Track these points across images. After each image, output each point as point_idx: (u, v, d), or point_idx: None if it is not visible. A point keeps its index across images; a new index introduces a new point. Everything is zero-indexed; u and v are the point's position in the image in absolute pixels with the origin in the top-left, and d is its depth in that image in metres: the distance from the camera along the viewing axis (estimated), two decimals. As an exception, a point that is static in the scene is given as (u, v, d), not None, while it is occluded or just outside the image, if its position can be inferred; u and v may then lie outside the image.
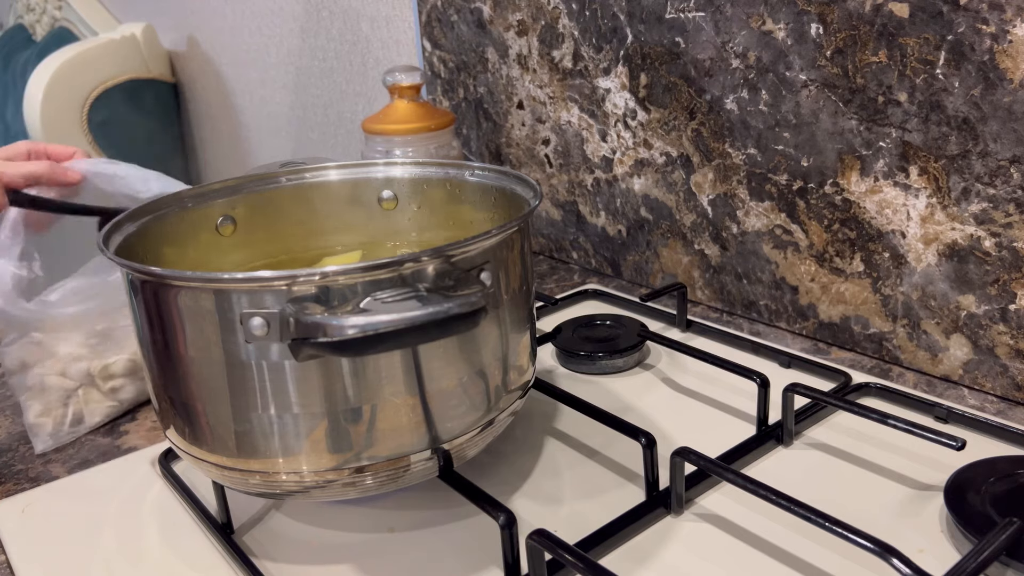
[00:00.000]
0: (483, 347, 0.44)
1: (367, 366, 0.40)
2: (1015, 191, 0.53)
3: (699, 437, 0.55)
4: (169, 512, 0.51)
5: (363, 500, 0.50)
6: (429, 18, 0.98)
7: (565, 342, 0.66)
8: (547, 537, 0.40)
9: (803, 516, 0.41)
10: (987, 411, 0.56)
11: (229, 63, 1.56)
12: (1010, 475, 0.46)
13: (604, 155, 0.81)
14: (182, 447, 0.44)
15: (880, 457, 0.51)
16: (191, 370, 0.41)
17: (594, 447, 0.54)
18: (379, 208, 0.60)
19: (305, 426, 0.40)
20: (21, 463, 0.58)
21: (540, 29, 0.83)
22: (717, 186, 0.71)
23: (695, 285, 0.77)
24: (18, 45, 2.06)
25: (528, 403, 0.58)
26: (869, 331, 0.64)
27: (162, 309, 0.41)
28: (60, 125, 1.66)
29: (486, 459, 0.53)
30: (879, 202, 0.61)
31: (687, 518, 0.47)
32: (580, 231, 0.87)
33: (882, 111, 0.59)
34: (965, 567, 0.38)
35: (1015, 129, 0.53)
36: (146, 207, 0.51)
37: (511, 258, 0.45)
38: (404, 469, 0.43)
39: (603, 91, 0.79)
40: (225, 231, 0.56)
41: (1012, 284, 0.55)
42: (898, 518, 0.46)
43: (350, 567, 0.45)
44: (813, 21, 0.61)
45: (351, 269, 0.38)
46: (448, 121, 0.85)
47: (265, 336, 0.38)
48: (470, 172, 0.57)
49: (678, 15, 0.70)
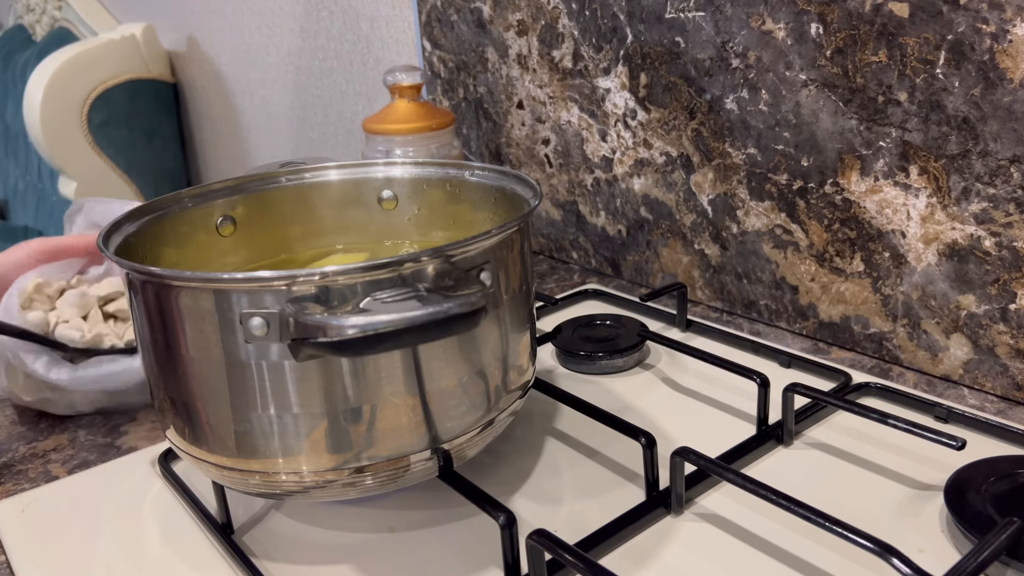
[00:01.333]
0: (483, 347, 0.44)
1: (367, 366, 0.40)
2: (1015, 191, 0.53)
3: (699, 437, 0.55)
4: (169, 512, 0.51)
5: (363, 500, 0.50)
6: (429, 18, 0.98)
7: (565, 342, 0.66)
8: (547, 537, 0.40)
9: (803, 516, 0.41)
10: (987, 411, 0.56)
11: (229, 63, 1.56)
12: (1010, 475, 0.46)
13: (604, 155, 0.81)
14: (182, 447, 0.44)
15: (880, 457, 0.51)
16: (191, 370, 0.41)
17: (594, 447, 0.54)
18: (379, 208, 0.60)
19: (305, 426, 0.40)
20: (21, 463, 0.58)
21: (540, 29, 0.83)
22: (717, 186, 0.71)
23: (695, 285, 0.77)
24: (18, 45, 2.06)
25: (528, 403, 0.58)
26: (869, 331, 0.64)
27: (162, 309, 0.41)
28: (60, 125, 1.66)
29: (486, 459, 0.53)
30: (879, 202, 0.61)
31: (687, 518, 0.47)
32: (580, 231, 0.87)
33: (882, 111, 0.59)
34: (965, 567, 0.38)
35: (1015, 129, 0.52)
36: (146, 207, 0.51)
37: (511, 258, 0.45)
38: (404, 469, 0.43)
39: (603, 91, 0.79)
40: (225, 231, 0.56)
41: (1012, 284, 0.55)
42: (898, 518, 0.46)
43: (350, 567, 0.45)
44: (813, 21, 0.61)
45: (351, 269, 0.38)
46: (448, 121, 0.85)
47: (265, 336, 0.38)
48: (470, 172, 0.57)
49: (678, 15, 0.70)
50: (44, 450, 0.59)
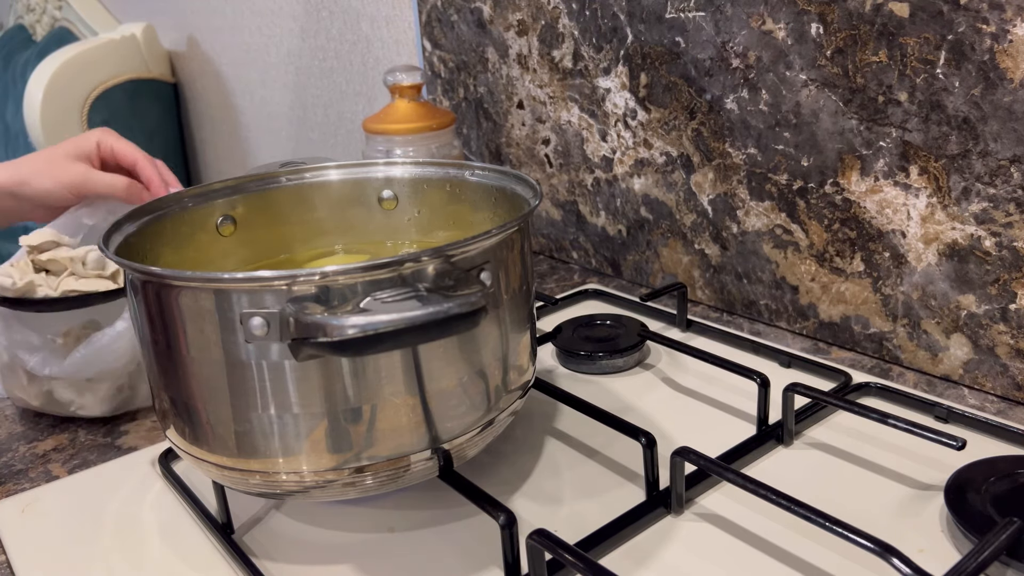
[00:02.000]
0: (483, 347, 0.44)
1: (367, 366, 0.40)
2: (1015, 191, 0.53)
3: (699, 437, 0.55)
4: (169, 512, 0.51)
5: (363, 500, 0.50)
6: (429, 18, 0.98)
7: (565, 342, 0.66)
8: (547, 537, 0.40)
9: (803, 516, 0.41)
10: (987, 411, 0.56)
11: (229, 63, 1.56)
12: (1010, 475, 0.46)
13: (604, 155, 0.81)
14: (182, 447, 0.44)
15: (880, 457, 0.51)
16: (191, 370, 0.41)
17: (594, 447, 0.54)
18: (379, 208, 0.60)
19: (305, 426, 0.40)
20: (21, 463, 0.58)
21: (540, 29, 0.83)
22: (717, 186, 0.71)
23: (695, 285, 0.77)
24: (18, 45, 2.06)
25: (528, 403, 0.58)
26: (869, 331, 0.64)
27: (162, 309, 0.41)
28: (60, 125, 1.66)
29: (486, 459, 0.53)
30: (879, 202, 0.61)
31: (687, 518, 0.47)
32: (580, 231, 0.87)
33: (882, 111, 0.59)
34: (965, 567, 0.38)
35: (1015, 129, 0.52)
36: (146, 207, 0.51)
37: (511, 258, 0.45)
38: (404, 469, 0.43)
39: (603, 91, 0.79)
40: (225, 231, 0.56)
41: (1012, 284, 0.55)
42: (898, 518, 0.46)
43: (350, 567, 0.45)
44: (813, 21, 0.61)
45: (351, 269, 0.38)
46: (449, 121, 0.85)
47: (265, 336, 0.38)
48: (470, 172, 0.57)
49: (678, 15, 0.70)
50: (44, 450, 0.59)
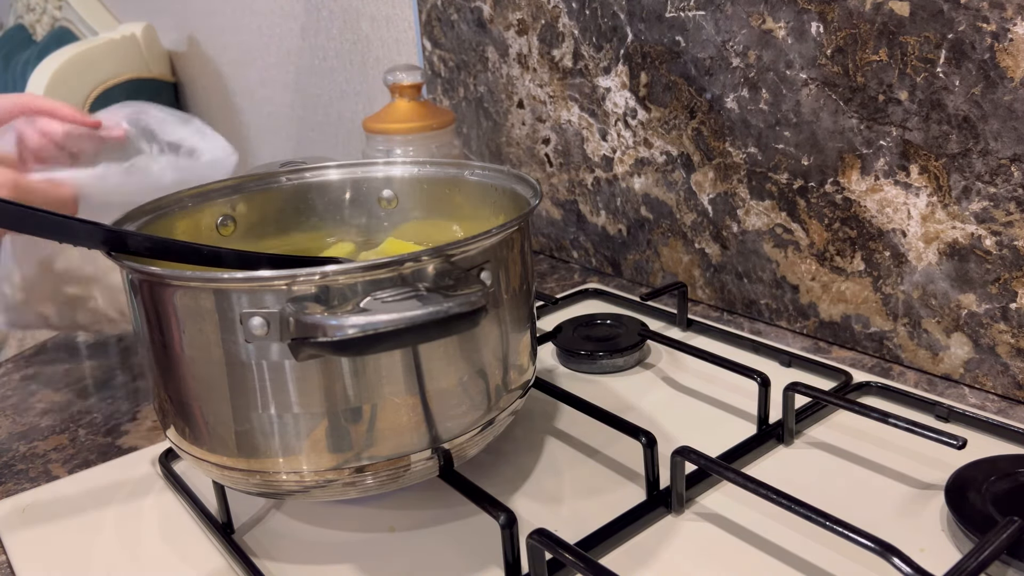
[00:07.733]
0: (483, 347, 0.44)
1: (367, 366, 0.40)
2: (1016, 190, 0.53)
3: (700, 436, 0.54)
4: (169, 512, 0.51)
5: (363, 500, 0.50)
6: (429, 17, 0.98)
7: (565, 341, 0.66)
8: (547, 536, 0.40)
9: (804, 515, 0.41)
10: (988, 410, 0.56)
11: (229, 63, 1.56)
12: (1011, 474, 0.46)
13: (604, 154, 0.81)
14: (182, 447, 0.44)
15: (881, 456, 0.51)
16: (191, 370, 0.41)
17: (594, 446, 0.54)
18: (379, 208, 0.60)
19: (305, 426, 0.40)
20: (21, 463, 0.58)
21: (540, 28, 0.83)
22: (717, 185, 0.71)
23: (695, 284, 0.76)
24: (18, 45, 2.06)
25: (528, 402, 0.58)
26: (870, 330, 0.64)
27: (162, 309, 0.41)
28: (60, 125, 1.65)
29: (486, 458, 0.53)
30: (880, 201, 0.61)
31: (688, 517, 0.47)
32: (580, 230, 0.87)
33: (883, 110, 0.58)
34: (966, 566, 0.38)
35: (1016, 128, 0.52)
36: (146, 207, 0.51)
37: (511, 257, 0.45)
38: (404, 469, 0.43)
39: (603, 90, 0.79)
40: (225, 231, 0.56)
41: (1013, 283, 0.55)
42: (899, 517, 0.46)
43: (350, 567, 0.45)
44: (813, 20, 0.61)
45: (351, 269, 0.38)
46: (449, 120, 0.85)
47: (265, 336, 0.38)
48: (470, 171, 0.57)
49: (678, 14, 0.70)
50: (44, 450, 0.59)
